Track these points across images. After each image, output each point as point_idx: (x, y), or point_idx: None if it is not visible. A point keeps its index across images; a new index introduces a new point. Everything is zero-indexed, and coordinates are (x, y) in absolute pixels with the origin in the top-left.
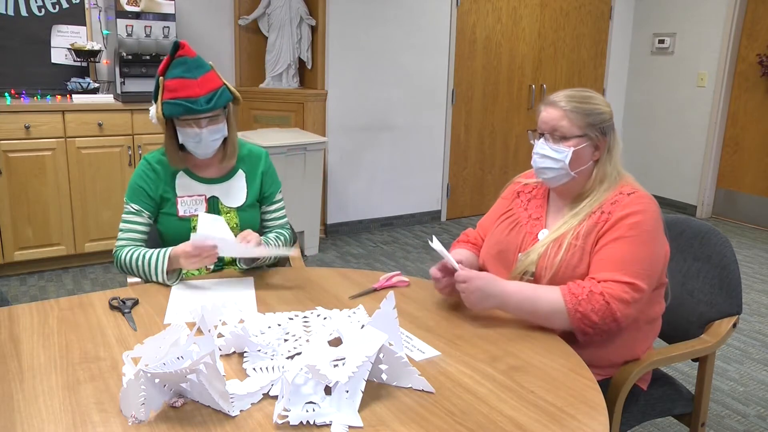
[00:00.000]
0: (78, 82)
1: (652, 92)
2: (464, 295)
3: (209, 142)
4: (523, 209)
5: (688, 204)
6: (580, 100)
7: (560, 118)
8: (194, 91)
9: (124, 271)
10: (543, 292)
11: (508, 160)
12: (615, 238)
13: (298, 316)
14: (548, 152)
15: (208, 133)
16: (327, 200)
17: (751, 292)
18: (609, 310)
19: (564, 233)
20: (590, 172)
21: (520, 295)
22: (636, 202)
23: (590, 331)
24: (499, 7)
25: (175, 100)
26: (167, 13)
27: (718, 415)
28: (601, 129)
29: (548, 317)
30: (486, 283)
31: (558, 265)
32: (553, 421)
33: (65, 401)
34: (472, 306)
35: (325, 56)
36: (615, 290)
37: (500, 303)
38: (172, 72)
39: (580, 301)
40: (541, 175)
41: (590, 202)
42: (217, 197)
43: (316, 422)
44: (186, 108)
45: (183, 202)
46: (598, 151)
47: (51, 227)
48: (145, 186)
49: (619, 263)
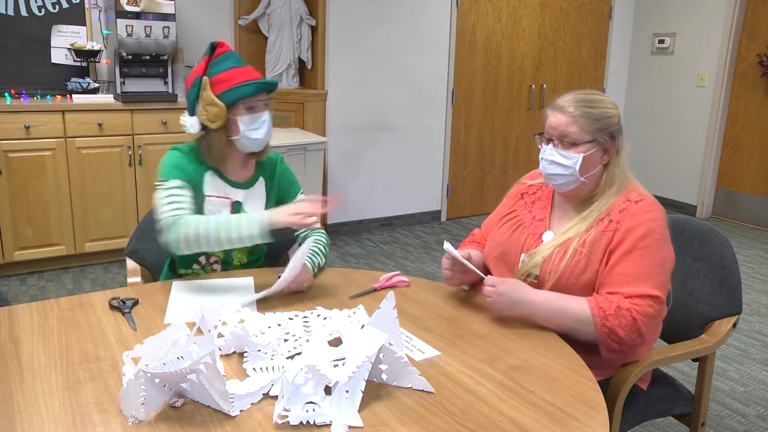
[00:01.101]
0: (78, 82)
1: (652, 92)
2: (490, 300)
3: (268, 126)
4: (527, 211)
5: (688, 204)
6: (589, 105)
7: (569, 123)
8: (253, 75)
9: (182, 243)
10: (571, 305)
11: (508, 160)
12: (629, 251)
13: (298, 316)
14: (558, 159)
15: (268, 116)
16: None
17: (751, 292)
18: (635, 325)
19: (570, 238)
20: (599, 175)
21: (548, 305)
22: (645, 210)
23: (615, 347)
24: (499, 7)
25: (239, 84)
26: (167, 13)
27: (718, 415)
28: (610, 133)
29: (576, 330)
30: (513, 289)
31: (562, 271)
32: (553, 421)
33: (65, 401)
34: (499, 312)
35: (325, 56)
36: (641, 306)
37: (528, 311)
38: (219, 67)
39: (607, 316)
40: (550, 181)
41: (599, 206)
42: (241, 202)
43: (316, 422)
44: (257, 86)
45: (210, 202)
46: (607, 155)
47: (51, 227)
48: (182, 167)
49: (641, 277)
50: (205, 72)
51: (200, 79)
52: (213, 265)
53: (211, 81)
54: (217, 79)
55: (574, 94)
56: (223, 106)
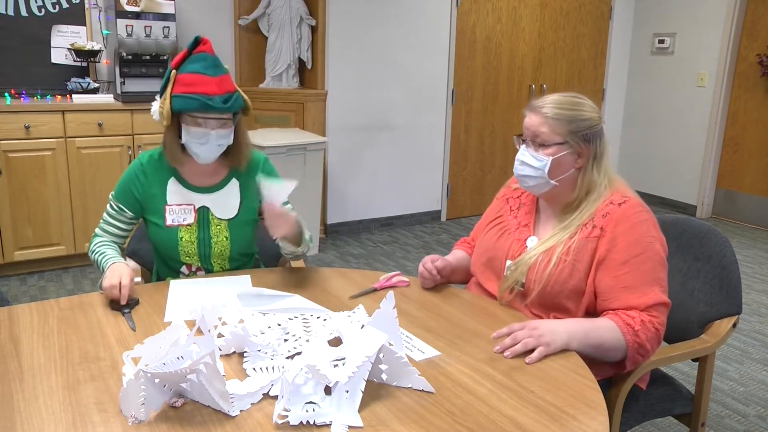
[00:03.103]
0: (78, 82)
1: (652, 92)
2: (533, 340)
3: (215, 146)
4: (513, 216)
5: (688, 204)
6: (564, 107)
7: (540, 124)
8: (212, 89)
9: (90, 259)
10: (599, 323)
11: (508, 160)
12: (624, 260)
13: (297, 316)
14: (528, 159)
15: (216, 136)
16: (327, 200)
17: (751, 292)
18: (658, 336)
19: (554, 246)
20: (574, 180)
21: (580, 325)
22: (630, 214)
23: (641, 360)
24: (499, 7)
25: (190, 94)
26: (167, 13)
27: (718, 415)
28: (584, 136)
29: (607, 346)
30: (543, 321)
31: (547, 279)
32: (553, 421)
33: (65, 401)
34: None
35: (325, 56)
36: (658, 317)
37: (567, 336)
38: (189, 66)
39: (637, 332)
40: (521, 182)
41: (580, 215)
42: (208, 208)
43: (316, 422)
44: (202, 104)
45: (171, 211)
46: (581, 158)
47: (51, 227)
48: (133, 188)
49: (646, 285)
50: (178, 65)
51: (170, 71)
52: (197, 273)
53: (176, 77)
54: (181, 78)
55: (555, 95)
56: (169, 107)
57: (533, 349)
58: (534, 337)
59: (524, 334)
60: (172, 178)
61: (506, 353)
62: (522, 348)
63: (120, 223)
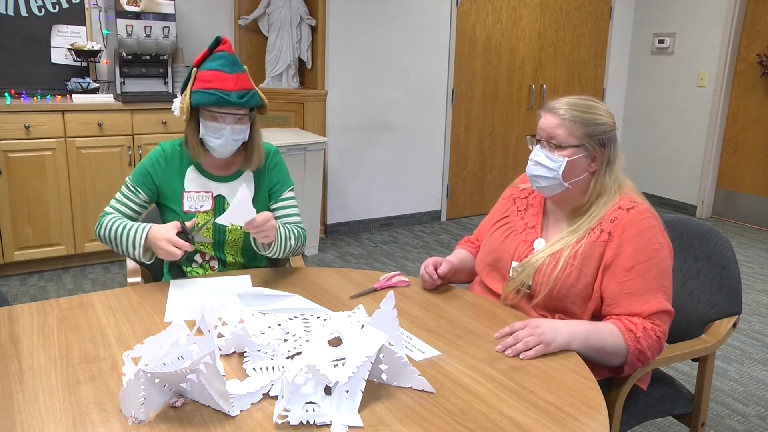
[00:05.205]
0: (78, 82)
1: (652, 92)
2: (534, 338)
3: (230, 140)
4: (520, 218)
5: (688, 204)
6: (581, 109)
7: (557, 126)
8: (228, 85)
9: (102, 239)
10: (602, 326)
11: (508, 160)
12: (630, 267)
13: (297, 316)
14: (543, 160)
15: (231, 131)
16: (327, 200)
17: (751, 292)
18: (659, 344)
19: (561, 249)
20: (587, 184)
21: (582, 326)
22: (637, 220)
23: (640, 365)
24: (499, 7)
25: (208, 89)
26: (167, 13)
27: (718, 415)
28: (599, 140)
29: (608, 350)
30: (544, 320)
31: (554, 283)
32: (553, 421)
33: (65, 401)
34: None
35: (325, 56)
36: (660, 325)
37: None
38: (209, 64)
39: (638, 339)
40: (534, 183)
41: (589, 219)
42: (224, 196)
43: (316, 422)
44: (218, 98)
45: (189, 197)
46: (595, 162)
47: (51, 227)
48: (153, 172)
49: (650, 292)
50: (199, 64)
51: (191, 69)
52: (210, 262)
53: (197, 74)
54: (201, 75)
55: (571, 97)
56: (189, 102)
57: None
58: (535, 335)
59: (526, 332)
60: (191, 167)
61: (507, 352)
62: (523, 347)
63: (133, 204)
